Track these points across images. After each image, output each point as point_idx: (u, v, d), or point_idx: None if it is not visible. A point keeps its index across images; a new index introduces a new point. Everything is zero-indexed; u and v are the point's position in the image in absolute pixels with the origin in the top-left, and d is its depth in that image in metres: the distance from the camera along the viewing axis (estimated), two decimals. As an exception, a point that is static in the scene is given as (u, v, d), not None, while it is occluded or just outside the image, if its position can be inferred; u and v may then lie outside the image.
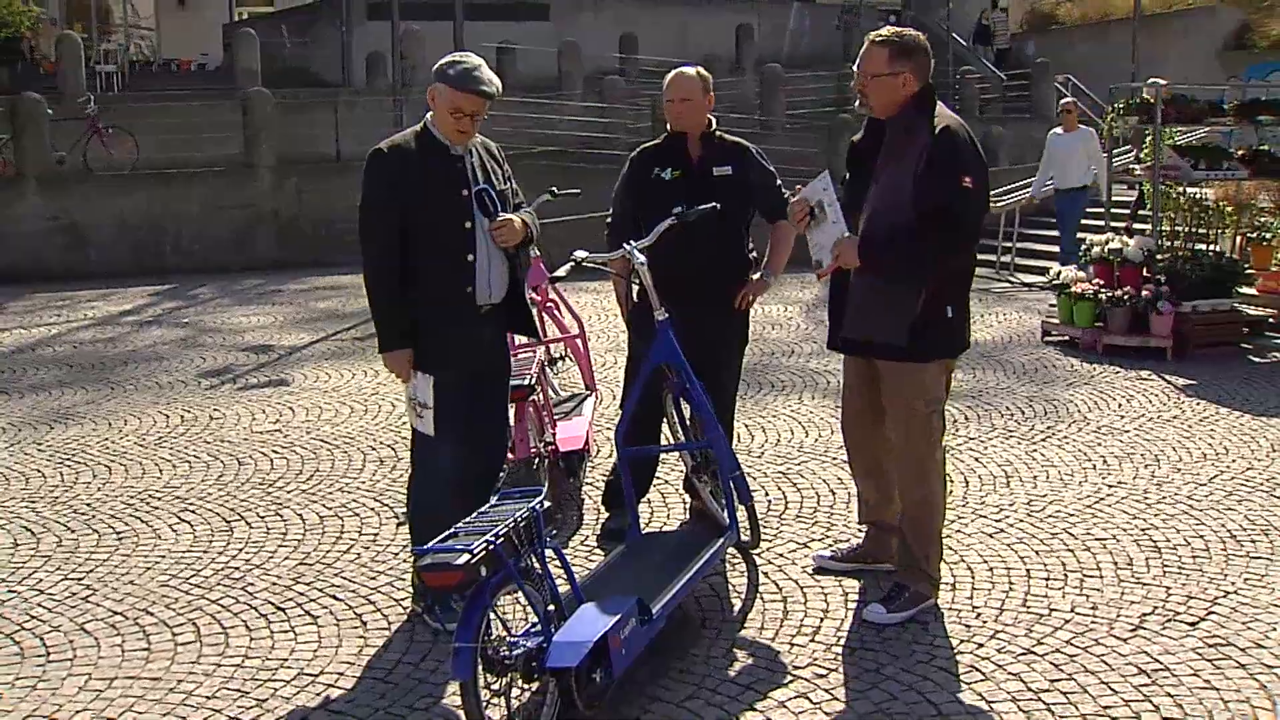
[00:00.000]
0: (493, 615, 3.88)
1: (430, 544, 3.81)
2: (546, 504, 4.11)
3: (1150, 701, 4.26)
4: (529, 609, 4.12)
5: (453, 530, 3.90)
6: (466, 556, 3.64)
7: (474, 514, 4.05)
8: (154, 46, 34.67)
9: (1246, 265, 10.89)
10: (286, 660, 4.74)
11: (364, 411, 8.61)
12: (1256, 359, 10.10)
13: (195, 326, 12.54)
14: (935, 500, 5.08)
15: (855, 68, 5.02)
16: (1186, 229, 11.01)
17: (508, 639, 3.95)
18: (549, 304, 7.92)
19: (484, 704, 3.78)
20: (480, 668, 3.78)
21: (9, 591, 5.49)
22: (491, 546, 3.76)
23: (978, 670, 4.52)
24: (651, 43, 24.43)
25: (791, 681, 4.47)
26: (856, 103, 5.12)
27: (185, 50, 32.65)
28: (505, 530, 3.85)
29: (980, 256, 16.67)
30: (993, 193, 16.45)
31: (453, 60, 4.86)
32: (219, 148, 18.35)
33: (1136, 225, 13.07)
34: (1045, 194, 14.83)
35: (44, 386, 9.68)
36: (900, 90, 4.89)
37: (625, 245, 5.35)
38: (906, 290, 4.82)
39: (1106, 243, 10.80)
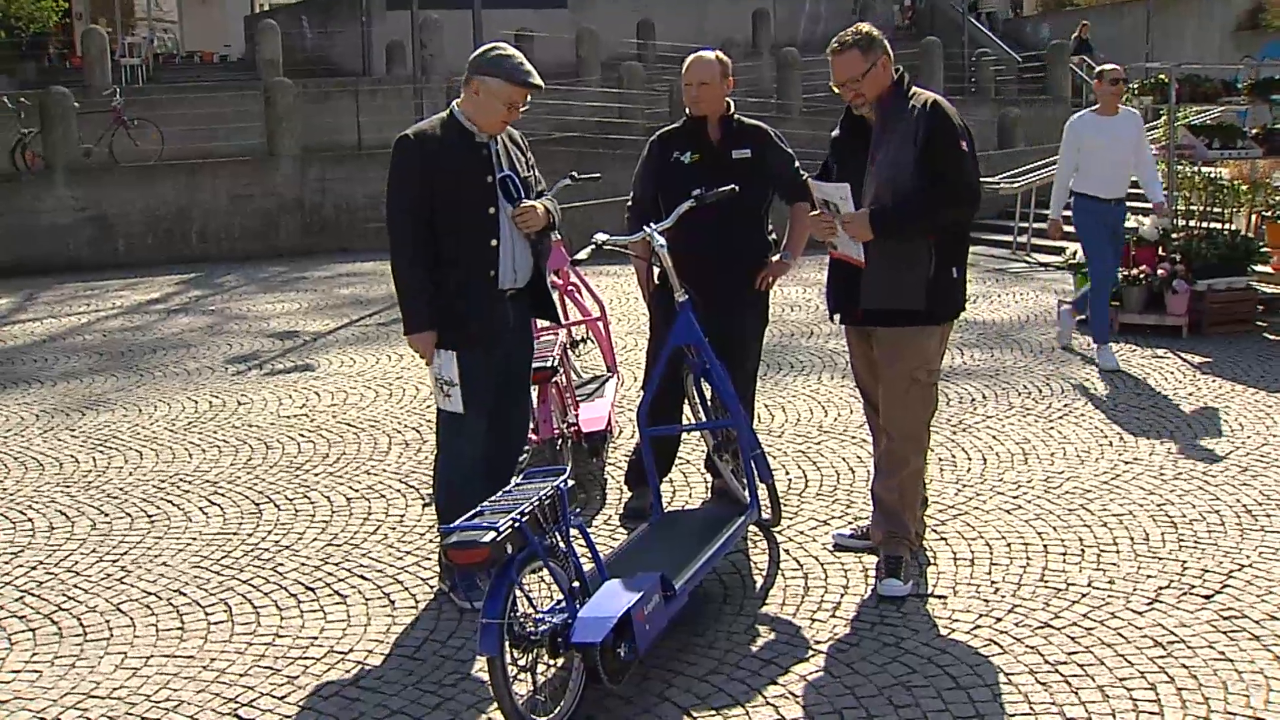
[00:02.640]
0: (519, 592, 3.98)
1: (457, 522, 3.91)
2: (570, 483, 4.20)
3: (1165, 673, 4.32)
4: (554, 586, 4.20)
5: (479, 509, 4.00)
6: (492, 534, 3.74)
7: (499, 493, 4.15)
8: (176, 39, 34.83)
9: (1261, 244, 10.89)
10: (317, 638, 4.85)
11: (388, 395, 8.72)
12: (1271, 336, 10.09)
13: (222, 314, 12.69)
14: (922, 470, 5.31)
15: (835, 86, 5.10)
16: (1201, 208, 11.02)
17: (534, 615, 4.04)
18: (570, 287, 8.01)
19: (510, 679, 3.86)
20: (507, 643, 3.87)
21: (46, 573, 5.61)
22: (517, 524, 3.85)
23: (996, 644, 4.59)
24: (668, 28, 24.48)
25: (813, 656, 4.55)
26: (849, 108, 5.18)
27: (207, 42, 32.83)
28: (530, 508, 3.94)
29: (996, 237, 16.65)
30: (1010, 174, 16.60)
31: (501, 54, 4.94)
32: (242, 138, 18.53)
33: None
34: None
35: (75, 374, 9.82)
36: (884, 75, 5.06)
37: (645, 228, 5.43)
38: (919, 256, 4.96)
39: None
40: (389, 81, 22.55)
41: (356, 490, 6.62)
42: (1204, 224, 10.92)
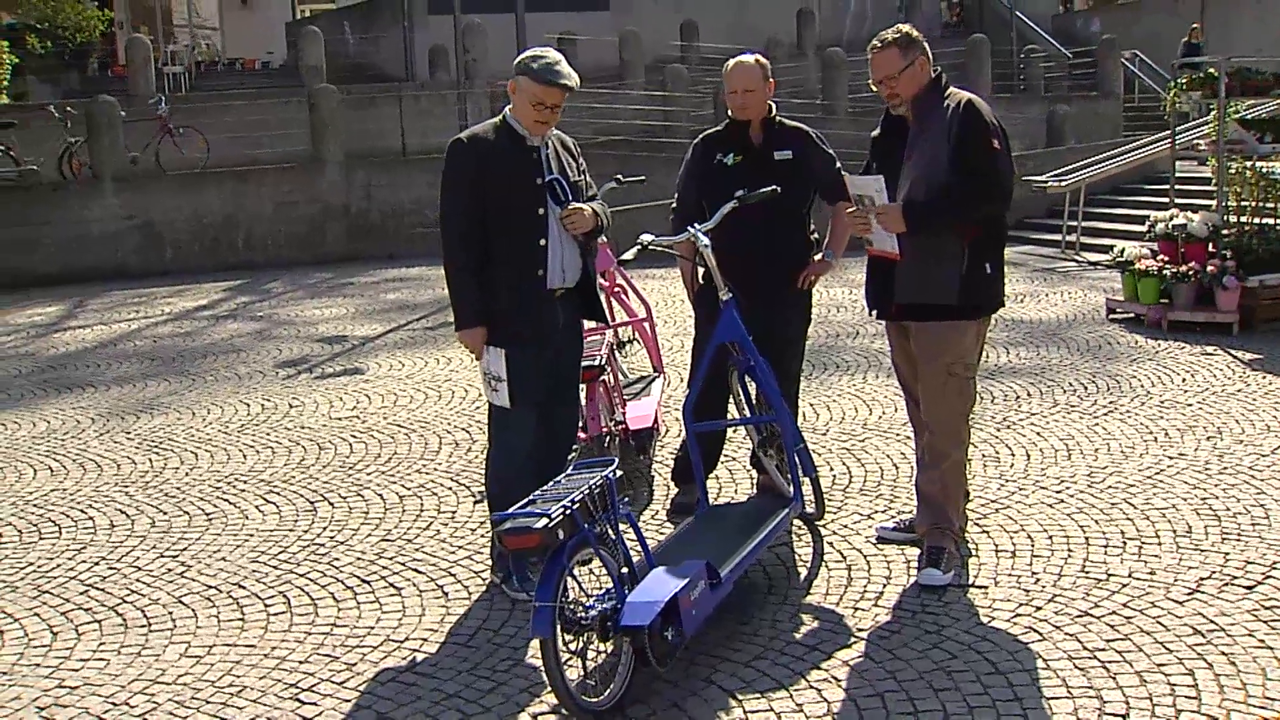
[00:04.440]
0: (570, 578, 4.10)
1: (511, 509, 4.04)
2: (619, 473, 4.32)
3: (1204, 660, 4.38)
4: (603, 575, 4.32)
5: (531, 497, 4.14)
6: (545, 520, 3.88)
7: (550, 483, 4.28)
8: (216, 46, 35.24)
9: (1316, 238, 10.84)
10: (373, 628, 4.98)
11: (438, 397, 8.87)
12: (1324, 333, 10.08)
13: (270, 319, 12.88)
14: (964, 462, 5.41)
15: (873, 83, 5.23)
16: (1254, 203, 10.96)
17: (584, 601, 4.17)
18: (617, 288, 8.12)
19: (562, 661, 3.99)
20: (558, 627, 3.99)
21: (109, 568, 5.78)
22: (568, 511, 3.99)
23: (1035, 631, 4.67)
24: (711, 29, 24.54)
25: (855, 643, 4.65)
26: (888, 109, 5.30)
27: (249, 49, 33.20)
28: (581, 496, 4.07)
29: (1045, 236, 16.61)
30: (1057, 172, 16.56)
31: (535, 55, 5.11)
32: (287, 144, 18.76)
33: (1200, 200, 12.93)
34: None
35: (128, 379, 10.03)
36: (921, 74, 5.18)
37: (690, 228, 5.53)
38: (952, 251, 5.07)
39: (1171, 219, 10.81)
40: (432, 87, 22.74)
41: (409, 489, 6.77)
42: (1256, 219, 10.85)
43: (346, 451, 7.55)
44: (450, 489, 6.73)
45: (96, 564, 5.85)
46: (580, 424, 5.90)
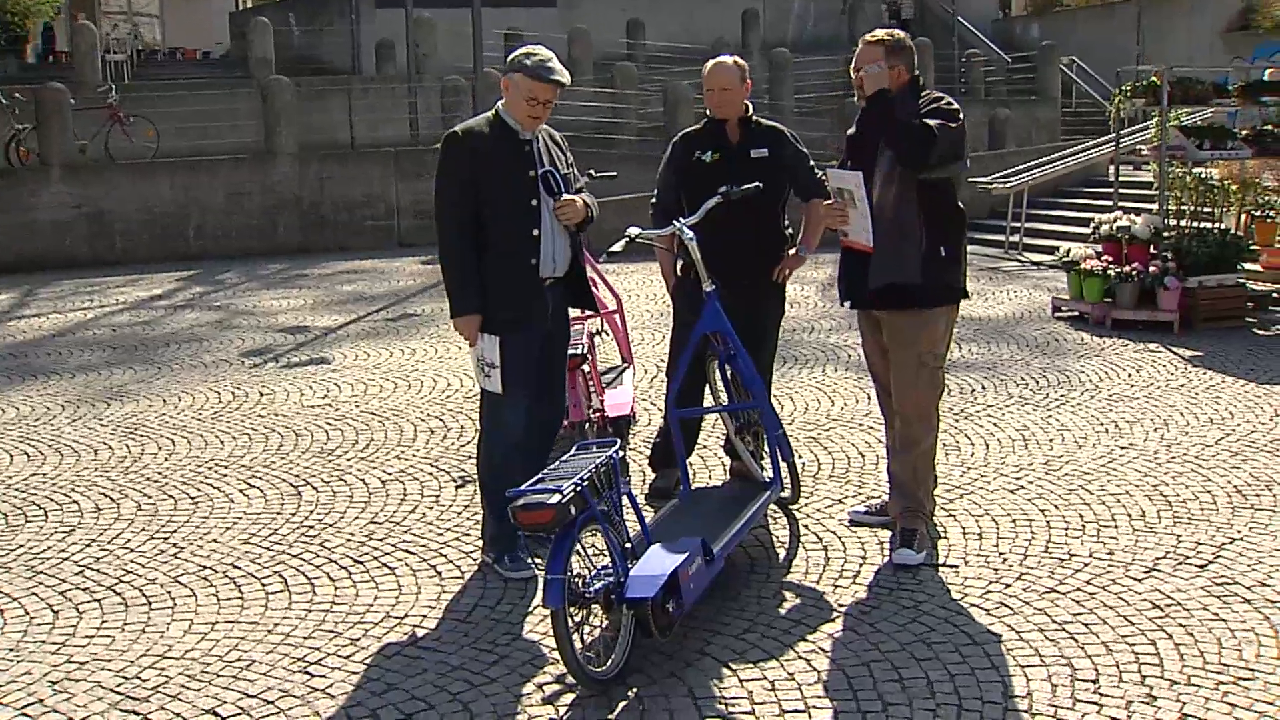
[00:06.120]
0: (577, 552, 4.31)
1: (523, 486, 4.25)
2: (622, 454, 4.54)
3: (1164, 631, 4.68)
4: (605, 549, 4.52)
5: (540, 475, 4.34)
6: (558, 497, 4.09)
7: (557, 462, 4.49)
8: (156, 35, 34.85)
9: (1251, 242, 11.28)
10: (372, 605, 5.16)
11: (407, 387, 9.02)
12: (1260, 332, 10.49)
13: (228, 309, 12.95)
14: (934, 448, 5.68)
15: (852, 68, 5.52)
16: (1193, 207, 11.37)
17: (588, 575, 4.38)
18: (588, 280, 8.31)
19: (570, 631, 4.19)
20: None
21: (101, 550, 5.90)
22: (579, 488, 4.20)
23: (1007, 606, 4.94)
24: (658, 28, 24.77)
25: (838, 617, 4.90)
26: (856, 97, 5.60)
27: (189, 38, 32.86)
28: (589, 474, 4.28)
29: (989, 237, 17.00)
30: (1000, 175, 16.97)
31: (528, 52, 5.32)
32: (236, 135, 18.72)
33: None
34: None
35: (92, 367, 10.08)
36: (894, 80, 5.47)
37: (675, 222, 5.75)
38: (912, 236, 5.34)
39: (1115, 221, 11.19)
40: (380, 80, 22.78)
41: (390, 474, 6.93)
42: (1195, 223, 11.25)
43: (324, 438, 7.69)
44: (431, 474, 6.90)
45: (88, 545, 5.96)
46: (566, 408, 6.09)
